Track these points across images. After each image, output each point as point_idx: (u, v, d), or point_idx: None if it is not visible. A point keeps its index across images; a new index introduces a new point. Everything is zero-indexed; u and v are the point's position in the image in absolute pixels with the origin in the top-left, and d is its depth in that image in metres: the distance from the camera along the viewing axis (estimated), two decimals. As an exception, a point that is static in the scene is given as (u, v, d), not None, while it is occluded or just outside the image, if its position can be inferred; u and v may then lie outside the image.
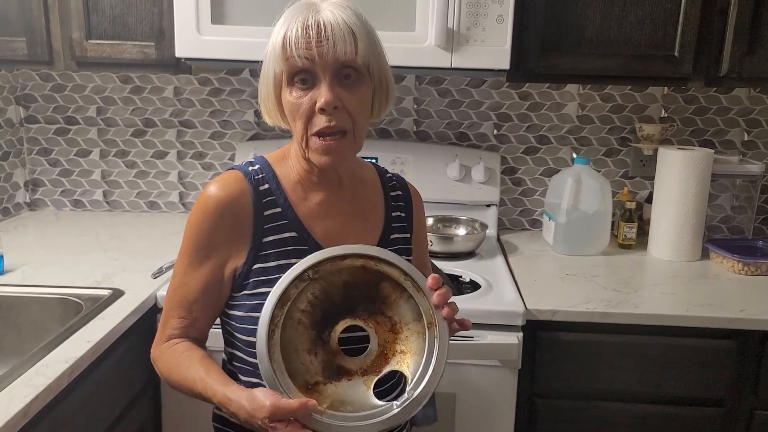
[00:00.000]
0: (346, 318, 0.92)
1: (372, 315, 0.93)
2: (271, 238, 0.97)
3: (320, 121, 0.91)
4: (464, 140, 2.04)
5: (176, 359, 0.96)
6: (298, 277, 0.88)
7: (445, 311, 0.90)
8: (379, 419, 0.87)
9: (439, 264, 1.64)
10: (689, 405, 1.47)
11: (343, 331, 0.92)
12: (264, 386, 0.87)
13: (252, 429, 0.88)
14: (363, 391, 0.90)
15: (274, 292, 0.88)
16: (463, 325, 0.94)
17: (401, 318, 0.93)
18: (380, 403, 0.89)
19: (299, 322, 0.89)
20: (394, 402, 0.88)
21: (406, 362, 0.92)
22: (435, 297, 0.90)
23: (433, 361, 0.90)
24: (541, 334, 1.45)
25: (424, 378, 0.89)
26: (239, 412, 0.86)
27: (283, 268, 0.95)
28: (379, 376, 0.92)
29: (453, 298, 0.93)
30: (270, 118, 1.00)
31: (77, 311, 1.33)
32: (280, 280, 0.88)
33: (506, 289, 1.52)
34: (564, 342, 1.45)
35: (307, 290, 0.89)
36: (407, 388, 0.90)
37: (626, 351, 1.44)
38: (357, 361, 0.92)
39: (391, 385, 1.00)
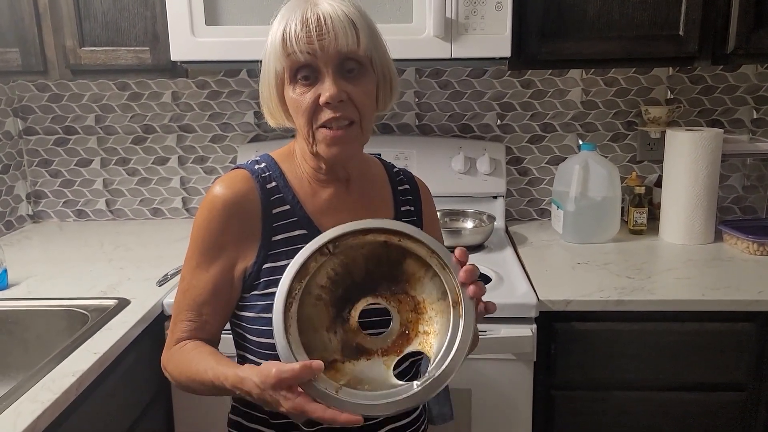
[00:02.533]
0: (367, 296, 0.89)
1: (395, 294, 0.89)
2: (280, 236, 0.95)
3: (326, 115, 0.89)
4: (468, 132, 2.01)
5: (185, 357, 0.94)
6: (318, 251, 0.85)
7: (471, 290, 0.86)
8: (397, 398, 0.82)
9: (448, 258, 1.62)
10: (709, 391, 1.44)
11: (364, 310, 0.89)
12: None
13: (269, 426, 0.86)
14: (383, 371, 0.87)
15: (293, 265, 0.84)
16: (488, 308, 0.89)
17: (425, 297, 0.89)
18: (400, 382, 0.85)
19: (319, 299, 0.86)
20: (415, 381, 0.83)
21: (429, 343, 0.88)
22: (462, 273, 0.86)
23: (458, 340, 0.85)
24: (555, 325, 1.42)
25: (447, 357, 0.84)
26: (252, 390, 0.81)
27: None
28: (399, 357, 0.88)
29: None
30: (273, 119, 0.98)
31: (83, 322, 1.31)
32: (299, 253, 0.85)
33: (517, 281, 1.49)
34: (579, 332, 1.42)
35: (327, 265, 0.86)
36: (429, 368, 0.85)
37: (643, 338, 1.41)
38: (377, 340, 0.89)
39: (412, 365, 0.97)
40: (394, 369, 0.88)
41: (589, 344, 1.42)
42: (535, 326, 1.38)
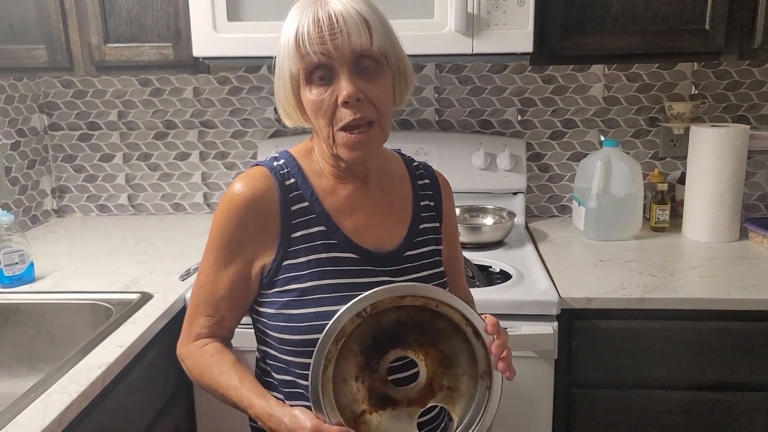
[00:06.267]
0: (396, 348, 0.90)
1: (422, 346, 0.91)
2: (299, 233, 0.95)
3: (345, 115, 0.89)
4: (488, 128, 2.00)
5: (207, 362, 0.96)
6: (356, 314, 0.86)
7: (501, 365, 0.89)
8: None
9: (468, 255, 1.61)
10: (734, 390, 1.42)
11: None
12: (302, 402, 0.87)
13: None
14: (407, 422, 0.90)
15: (331, 329, 0.85)
16: (507, 377, 0.92)
17: (453, 355, 0.91)
18: None
19: (350, 351, 0.88)
20: None
21: (452, 402, 0.92)
22: (494, 347, 0.89)
23: (483, 413, 0.90)
24: (576, 323, 1.41)
25: (471, 427, 0.89)
26: (278, 428, 0.85)
27: (312, 264, 0.94)
28: (423, 409, 0.91)
29: (484, 290, 0.91)
30: (290, 120, 0.98)
31: (108, 316, 1.33)
32: (337, 316, 0.85)
33: (538, 278, 1.49)
34: (601, 330, 1.41)
35: (362, 326, 0.87)
36: None
37: (666, 337, 1.40)
38: (403, 391, 0.91)
39: (430, 417, 0.99)
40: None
41: (611, 342, 1.41)
42: (556, 324, 1.37)
